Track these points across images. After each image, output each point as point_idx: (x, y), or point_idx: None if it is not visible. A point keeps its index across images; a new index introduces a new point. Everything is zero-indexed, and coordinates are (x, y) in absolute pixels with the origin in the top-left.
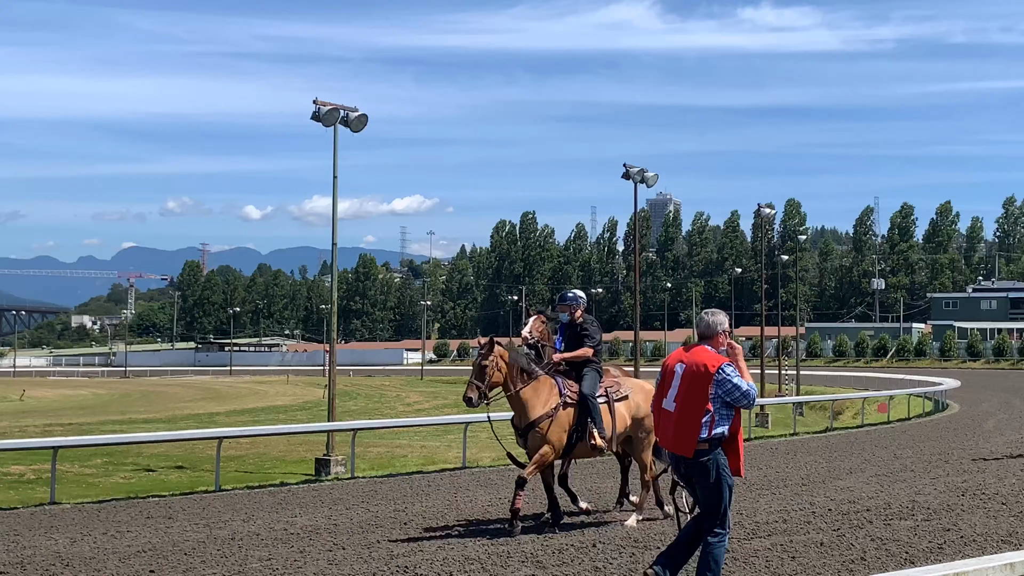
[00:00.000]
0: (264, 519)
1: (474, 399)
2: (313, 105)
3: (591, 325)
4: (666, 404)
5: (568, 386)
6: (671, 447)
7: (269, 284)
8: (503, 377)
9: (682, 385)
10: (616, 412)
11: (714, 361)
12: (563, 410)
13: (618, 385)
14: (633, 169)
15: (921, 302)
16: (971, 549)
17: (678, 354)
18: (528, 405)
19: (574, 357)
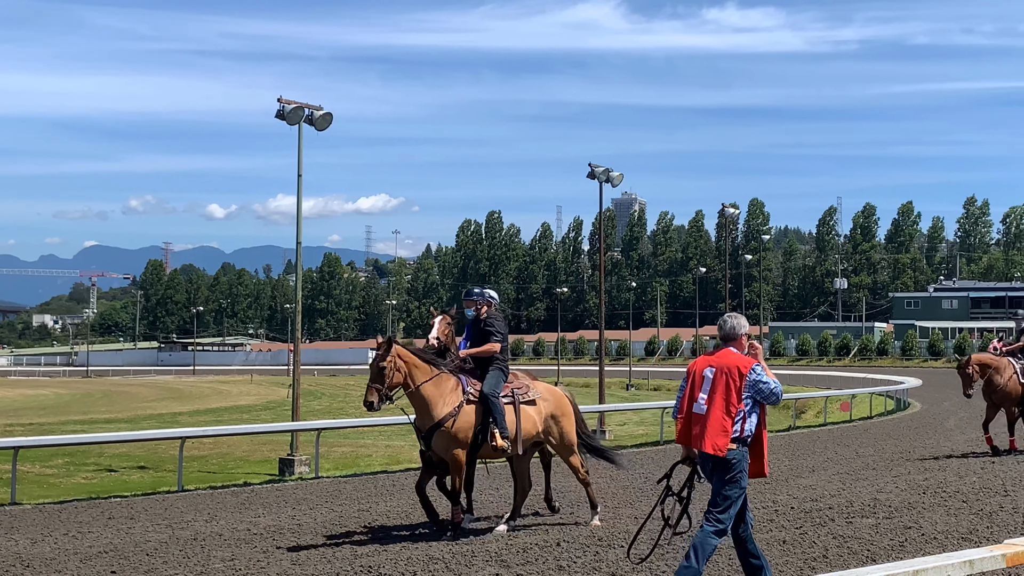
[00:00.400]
0: (227, 519)
1: (375, 403)
2: (277, 103)
3: (497, 321)
4: (696, 408)
5: (472, 384)
6: (703, 447)
7: (233, 283)
8: (403, 376)
9: (714, 387)
10: (523, 414)
11: (745, 363)
12: (467, 406)
13: (527, 388)
14: (598, 169)
15: (883, 301)
16: (932, 547)
17: (705, 359)
18: (431, 403)
19: (480, 352)
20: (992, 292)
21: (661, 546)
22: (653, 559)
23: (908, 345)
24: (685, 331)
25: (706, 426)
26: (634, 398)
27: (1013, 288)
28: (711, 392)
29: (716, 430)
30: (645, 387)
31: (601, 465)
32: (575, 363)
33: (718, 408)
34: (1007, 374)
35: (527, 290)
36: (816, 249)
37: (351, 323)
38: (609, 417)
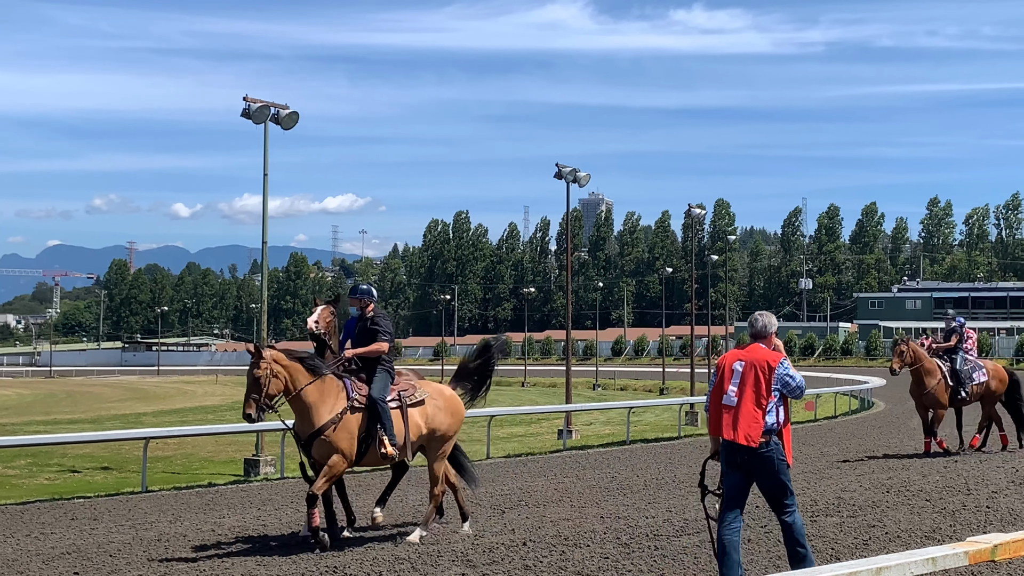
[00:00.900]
0: (191, 520)
1: (253, 415)
2: (243, 102)
3: (383, 320)
4: (726, 400)
5: (357, 388)
6: (736, 438)
7: (198, 283)
8: (283, 382)
9: (744, 381)
10: (410, 418)
11: (774, 357)
12: (351, 414)
13: (413, 388)
14: (565, 169)
15: (848, 302)
16: (895, 545)
17: (735, 353)
18: (313, 409)
19: (367, 352)
20: (955, 292)
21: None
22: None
23: (872, 345)
24: (651, 331)
25: (738, 417)
26: (601, 398)
27: (976, 288)
28: (741, 385)
29: (748, 421)
30: (612, 387)
31: (568, 464)
32: (542, 363)
33: (749, 400)
34: (936, 377)
35: (494, 290)
36: (781, 250)
37: None
38: (576, 417)
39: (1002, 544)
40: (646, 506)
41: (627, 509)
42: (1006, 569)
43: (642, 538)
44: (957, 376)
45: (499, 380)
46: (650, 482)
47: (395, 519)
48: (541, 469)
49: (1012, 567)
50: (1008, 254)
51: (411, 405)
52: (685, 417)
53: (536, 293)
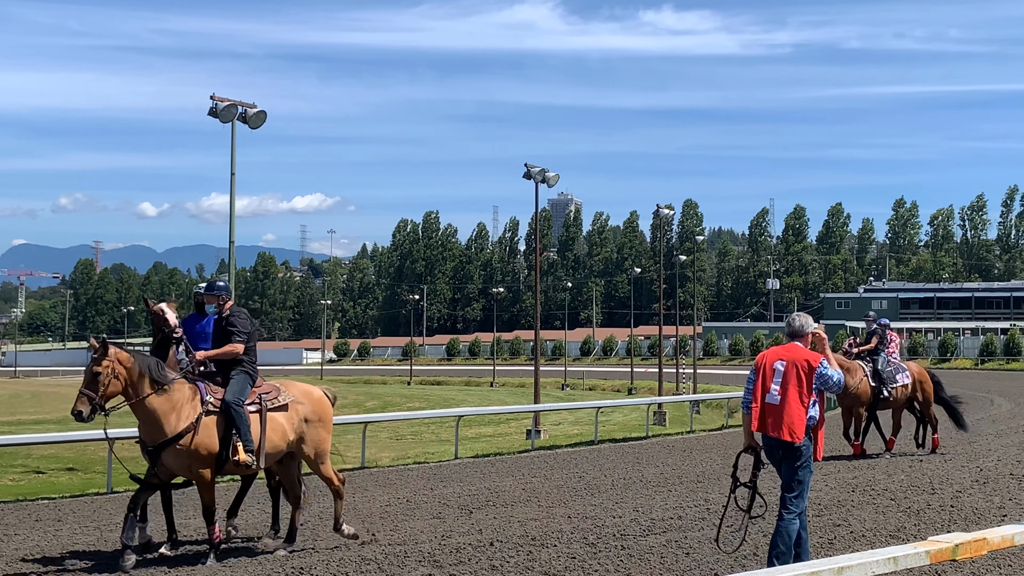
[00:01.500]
0: (157, 521)
1: (85, 413)
2: (210, 101)
3: (240, 319)
4: (769, 398)
5: (212, 391)
6: (781, 435)
7: (165, 283)
8: (123, 384)
9: (787, 379)
10: (271, 423)
11: (814, 357)
12: (206, 418)
13: (277, 391)
14: (534, 169)
15: (814, 302)
16: (860, 544)
17: (775, 352)
18: (161, 417)
19: (220, 355)
20: (921, 293)
21: (731, 530)
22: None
23: (838, 345)
24: (620, 331)
25: (782, 415)
26: (569, 398)
27: (941, 289)
28: (784, 383)
29: (794, 419)
30: (580, 387)
31: (536, 463)
32: (511, 363)
33: (793, 398)
34: (857, 376)
35: (463, 290)
36: (749, 250)
37: (285, 323)
38: (544, 417)
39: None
40: (613, 506)
41: (594, 509)
42: (969, 568)
43: (609, 538)
44: (879, 377)
45: (468, 380)
46: (617, 482)
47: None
48: (509, 469)
49: (975, 566)
50: (973, 255)
51: (272, 409)
52: (653, 417)
53: (505, 293)
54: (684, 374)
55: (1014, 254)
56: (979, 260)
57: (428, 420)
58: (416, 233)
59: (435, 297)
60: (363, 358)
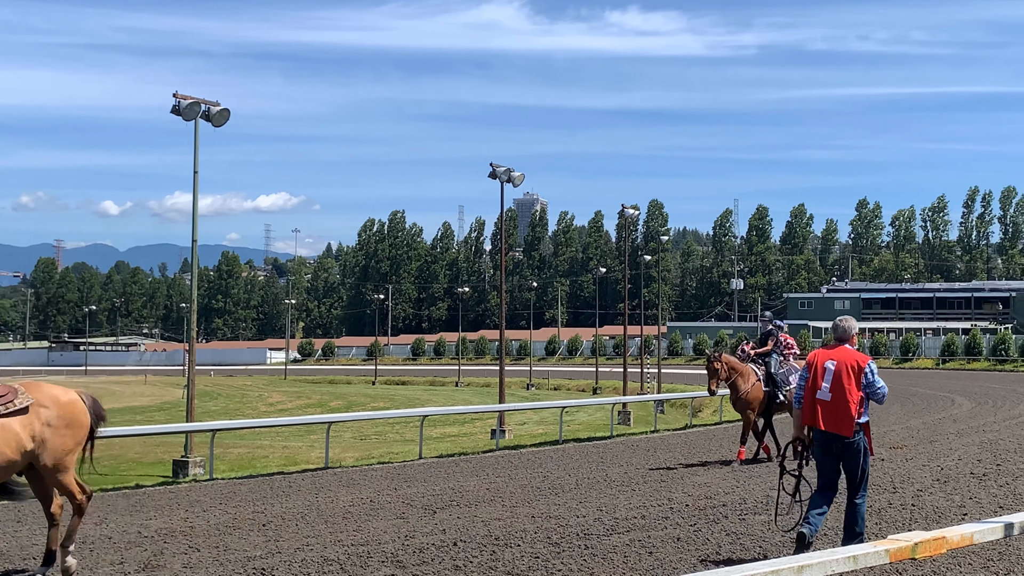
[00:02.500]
0: (117, 522)
1: None
2: (173, 99)
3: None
4: (820, 395)
5: None
6: (831, 428)
7: (127, 282)
8: None
9: (836, 378)
10: (5, 429)
11: (863, 359)
12: None
13: (13, 394)
14: (500, 168)
15: (778, 302)
16: (822, 543)
17: (825, 353)
18: None
19: None
20: (883, 293)
21: (784, 514)
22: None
23: (802, 345)
24: (585, 331)
25: (833, 411)
26: (534, 397)
27: (903, 289)
28: (834, 382)
29: (844, 415)
30: (545, 386)
31: (501, 463)
32: (476, 363)
33: (842, 396)
34: (750, 380)
35: (428, 290)
36: (713, 250)
37: (249, 323)
38: (509, 416)
39: (922, 542)
40: (577, 505)
41: (558, 508)
42: (931, 566)
43: (572, 537)
44: (773, 380)
45: (433, 380)
46: (581, 481)
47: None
48: (473, 469)
49: (936, 564)
50: (934, 255)
51: (8, 414)
52: (617, 416)
53: (470, 293)
54: (648, 374)
55: (975, 255)
56: (940, 261)
57: (392, 420)
58: (381, 232)
59: (400, 297)
60: (327, 358)
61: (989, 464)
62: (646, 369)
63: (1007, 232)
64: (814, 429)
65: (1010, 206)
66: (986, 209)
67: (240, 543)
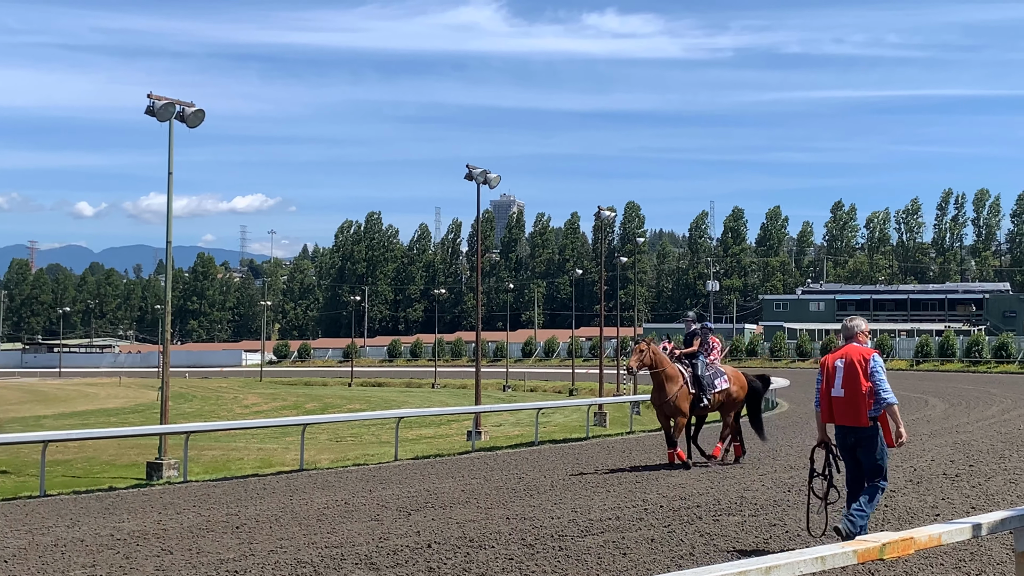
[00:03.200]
0: (90, 524)
1: None
2: (148, 99)
3: None
4: (834, 392)
5: None
6: (849, 422)
7: (101, 283)
8: None
9: (848, 375)
10: None
11: (867, 352)
12: None
13: None
14: (476, 170)
15: (753, 303)
16: (795, 543)
17: (835, 354)
18: None
19: None
20: (857, 295)
21: (820, 514)
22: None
23: (777, 346)
24: (562, 332)
25: (848, 406)
26: (511, 399)
27: (877, 291)
28: (845, 378)
29: (858, 407)
30: (522, 388)
31: (477, 465)
32: (453, 364)
33: (854, 391)
34: (677, 383)
35: (405, 291)
36: (689, 252)
37: (224, 324)
38: (485, 418)
39: (891, 543)
40: (552, 507)
41: (533, 510)
42: (904, 567)
43: (547, 539)
44: (699, 382)
45: (409, 381)
46: (557, 483)
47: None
48: (449, 470)
49: (908, 565)
50: (908, 257)
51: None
52: (593, 418)
53: (447, 294)
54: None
55: (948, 256)
56: (914, 263)
57: (368, 422)
58: (358, 234)
59: (377, 298)
60: (303, 359)
61: (962, 465)
62: (622, 370)
63: (980, 234)
64: (836, 427)
65: (983, 208)
66: (960, 211)
67: (213, 546)
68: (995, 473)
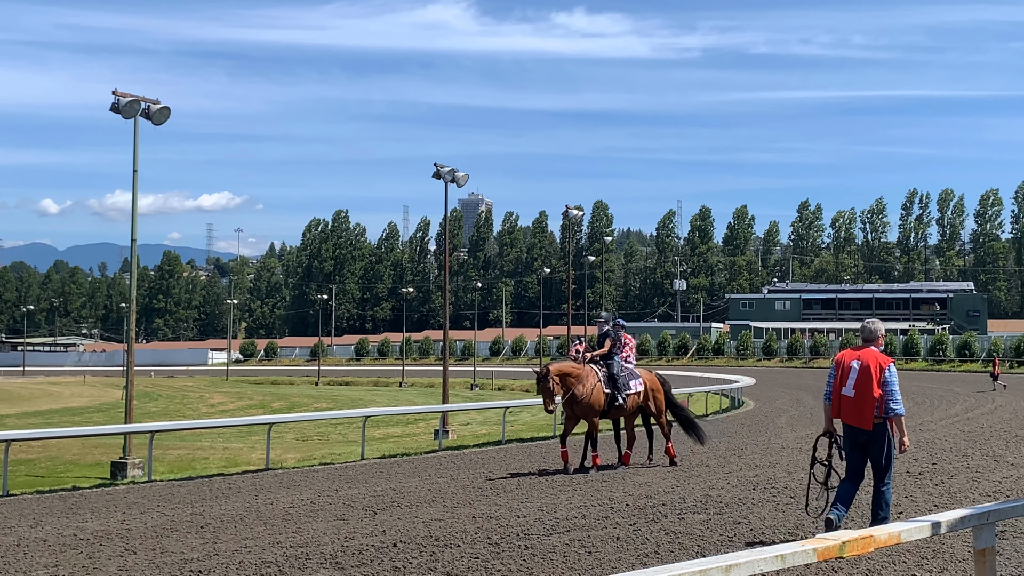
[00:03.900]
0: (53, 524)
1: None
2: (113, 96)
3: None
4: (845, 391)
5: None
6: (854, 423)
7: (66, 281)
8: None
9: (859, 376)
10: None
11: (885, 360)
12: None
13: None
14: (444, 169)
15: (720, 302)
16: (760, 542)
17: (852, 353)
18: None
19: None
20: (823, 294)
21: (820, 499)
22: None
23: (743, 345)
24: (529, 331)
25: (855, 407)
26: (478, 398)
27: (842, 290)
28: (858, 381)
29: (865, 410)
30: (489, 387)
31: (443, 464)
32: (420, 363)
33: (865, 394)
34: (590, 383)
35: (373, 290)
36: (657, 251)
37: (191, 323)
38: (453, 417)
39: (850, 541)
40: (518, 505)
41: (499, 509)
42: (866, 564)
43: (513, 537)
44: (614, 381)
45: (377, 380)
46: (523, 482)
47: None
48: (416, 469)
49: (871, 563)
50: (873, 257)
51: None
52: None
53: (415, 293)
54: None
55: (913, 256)
56: (879, 262)
57: (335, 421)
58: (325, 232)
59: (344, 297)
60: (270, 358)
61: (925, 463)
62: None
63: (945, 234)
64: (844, 425)
65: (947, 208)
66: (924, 211)
67: (177, 545)
68: (957, 471)
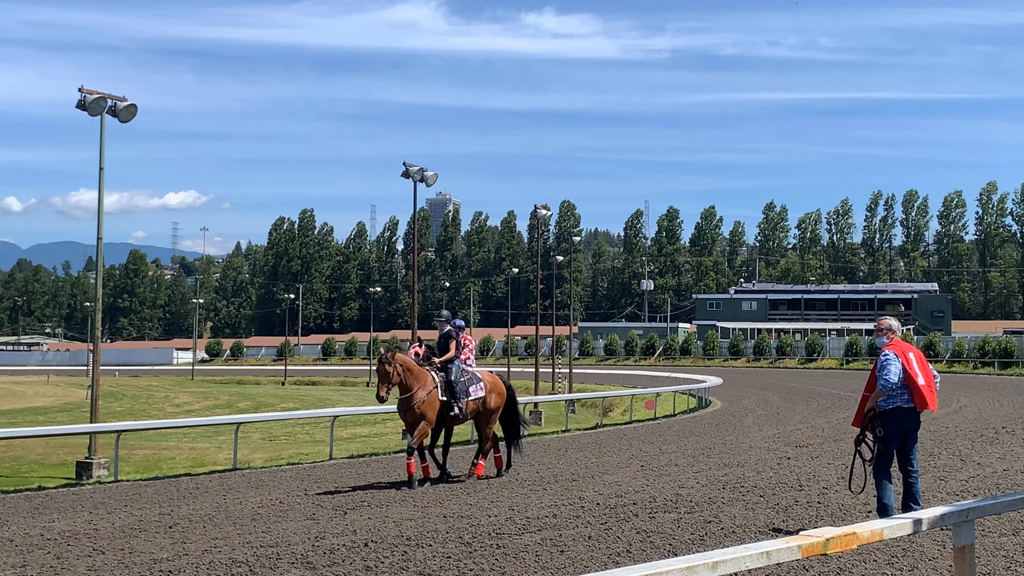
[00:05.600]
0: (19, 525)
1: None
2: (79, 93)
3: None
4: (921, 381)
5: None
6: (932, 407)
7: (29, 280)
8: None
9: (922, 366)
10: None
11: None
12: None
13: None
14: (412, 168)
15: (687, 303)
16: (731, 540)
17: (902, 347)
18: None
19: None
20: (789, 295)
21: (862, 480)
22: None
23: (710, 345)
24: (497, 331)
25: (930, 392)
26: None
27: (808, 291)
28: (922, 369)
29: (935, 394)
30: None
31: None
32: None
33: (929, 380)
34: (428, 387)
35: (340, 289)
36: (624, 251)
37: (156, 322)
38: None
39: (834, 538)
40: (489, 505)
41: (470, 508)
42: (837, 563)
43: (484, 537)
44: (451, 389)
45: (344, 380)
46: (494, 481)
47: None
48: (385, 469)
49: (843, 561)
50: (839, 257)
51: None
52: (529, 416)
53: (382, 293)
54: (560, 374)
55: (878, 257)
56: (845, 263)
57: (302, 421)
58: (292, 232)
59: (311, 296)
60: (236, 358)
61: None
62: (557, 369)
63: (909, 235)
64: (907, 412)
65: (912, 210)
66: (889, 213)
67: (146, 545)
68: (924, 471)
